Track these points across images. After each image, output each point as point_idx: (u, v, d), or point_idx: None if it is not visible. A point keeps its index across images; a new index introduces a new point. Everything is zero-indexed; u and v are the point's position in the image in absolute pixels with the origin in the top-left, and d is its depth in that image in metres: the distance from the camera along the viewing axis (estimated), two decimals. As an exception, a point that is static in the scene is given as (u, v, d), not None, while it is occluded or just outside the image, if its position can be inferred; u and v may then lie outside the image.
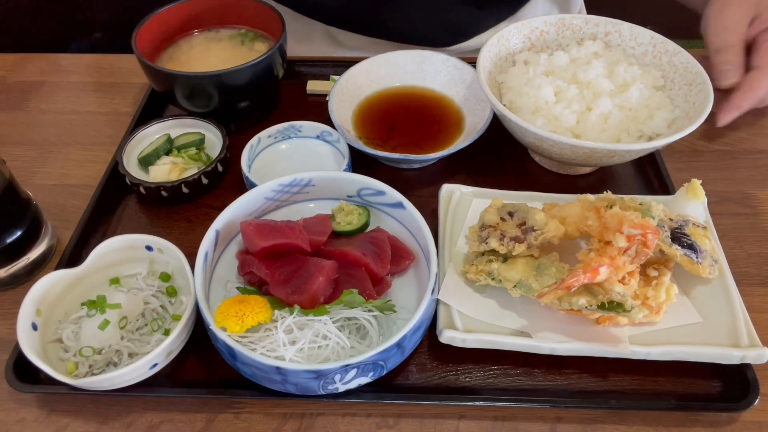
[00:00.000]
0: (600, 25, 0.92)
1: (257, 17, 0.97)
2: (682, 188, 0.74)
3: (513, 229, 0.68)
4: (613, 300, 0.61)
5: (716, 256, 0.69)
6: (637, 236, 0.61)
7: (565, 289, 0.61)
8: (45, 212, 0.79)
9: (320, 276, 0.65)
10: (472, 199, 0.79)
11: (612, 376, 0.66)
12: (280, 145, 0.89)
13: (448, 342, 0.65)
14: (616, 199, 0.69)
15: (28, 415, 0.65)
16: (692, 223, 0.69)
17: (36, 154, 0.93)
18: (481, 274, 0.68)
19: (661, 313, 0.65)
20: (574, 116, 0.81)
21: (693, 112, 0.80)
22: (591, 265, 0.61)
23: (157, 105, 0.98)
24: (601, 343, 0.64)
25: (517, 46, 0.92)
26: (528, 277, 0.66)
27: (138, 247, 0.71)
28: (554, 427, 0.63)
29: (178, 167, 0.84)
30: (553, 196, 0.78)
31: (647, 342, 0.64)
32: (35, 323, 0.64)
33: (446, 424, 0.63)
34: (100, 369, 0.64)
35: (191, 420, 0.64)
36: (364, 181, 0.75)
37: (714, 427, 0.63)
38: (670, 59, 0.87)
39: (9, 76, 1.08)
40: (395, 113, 0.94)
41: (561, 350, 0.65)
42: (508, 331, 0.66)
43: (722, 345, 0.64)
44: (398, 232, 0.75)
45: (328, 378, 0.59)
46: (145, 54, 0.88)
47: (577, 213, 0.68)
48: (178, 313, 0.69)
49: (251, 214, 0.75)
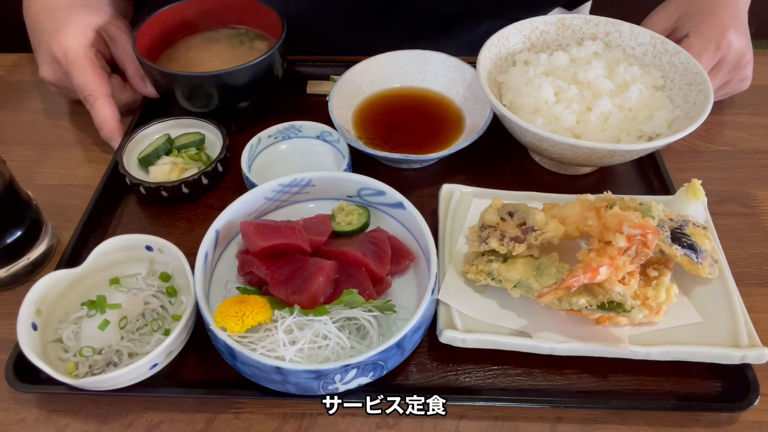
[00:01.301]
0: (600, 25, 0.92)
1: (257, 17, 0.97)
2: (682, 188, 0.74)
3: (513, 229, 0.68)
4: (613, 300, 0.61)
5: (716, 256, 0.69)
6: (637, 236, 0.61)
7: (565, 289, 0.61)
8: (45, 212, 0.79)
9: (320, 276, 0.65)
10: (472, 199, 0.78)
11: (612, 376, 0.66)
12: (280, 145, 0.89)
13: (448, 342, 0.65)
14: (616, 199, 0.69)
15: (28, 415, 0.65)
16: (692, 223, 0.69)
17: (36, 154, 0.93)
18: (481, 274, 0.68)
19: (661, 313, 0.65)
20: (574, 116, 0.81)
21: (693, 112, 0.80)
22: (591, 265, 0.61)
23: (157, 105, 0.98)
24: (601, 343, 0.64)
25: (517, 46, 0.92)
26: (528, 277, 0.66)
27: (138, 247, 0.71)
28: (554, 427, 0.63)
29: (178, 167, 0.84)
30: (553, 196, 0.78)
31: (647, 342, 0.64)
32: (35, 323, 0.64)
33: (446, 424, 0.63)
34: (100, 369, 0.64)
35: (191, 420, 0.64)
36: (364, 181, 0.75)
37: (714, 427, 0.63)
38: (670, 59, 0.87)
39: (9, 76, 1.08)
40: (395, 113, 0.94)
41: (561, 350, 0.64)
42: (508, 331, 0.66)
43: (722, 345, 0.64)
44: (398, 232, 0.75)
45: (328, 378, 0.59)
46: (145, 54, 0.88)
47: (577, 213, 0.68)
48: (178, 313, 0.69)
49: (251, 214, 0.75)
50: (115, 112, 0.89)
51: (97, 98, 0.88)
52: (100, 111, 0.88)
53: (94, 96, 0.88)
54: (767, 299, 0.73)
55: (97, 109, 0.88)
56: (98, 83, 0.89)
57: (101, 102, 0.88)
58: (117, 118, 0.89)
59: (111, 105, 0.89)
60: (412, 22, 1.11)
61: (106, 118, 0.88)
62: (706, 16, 0.92)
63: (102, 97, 0.89)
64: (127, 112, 0.97)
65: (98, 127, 0.89)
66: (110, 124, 0.89)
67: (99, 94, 0.88)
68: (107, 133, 0.89)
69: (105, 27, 0.94)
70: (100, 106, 0.88)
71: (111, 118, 0.89)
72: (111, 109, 0.89)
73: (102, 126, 0.89)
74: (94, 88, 0.88)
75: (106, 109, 0.89)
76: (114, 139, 0.89)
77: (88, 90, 0.88)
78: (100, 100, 0.88)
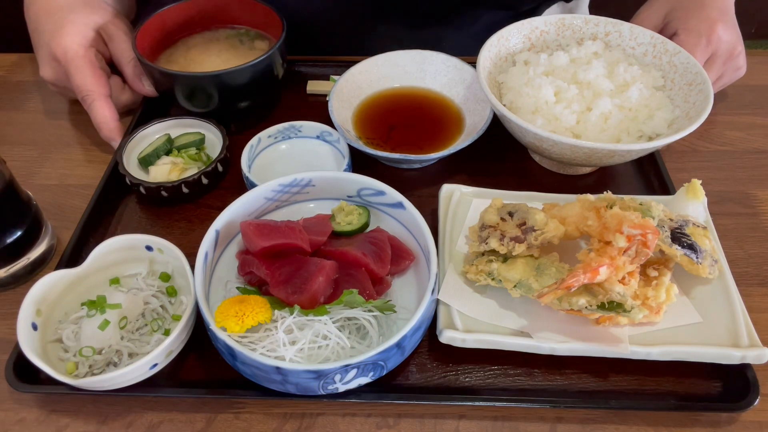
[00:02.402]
0: (600, 25, 0.92)
1: (257, 17, 0.97)
2: (682, 188, 0.74)
3: (513, 229, 0.68)
4: (613, 300, 0.61)
5: (716, 256, 0.69)
6: (637, 236, 0.61)
7: (565, 289, 0.61)
8: (45, 212, 0.79)
9: (320, 276, 0.65)
10: (472, 199, 0.78)
11: (612, 376, 0.66)
12: (280, 145, 0.89)
13: (448, 342, 0.65)
14: (616, 199, 0.69)
15: (28, 415, 0.65)
16: (692, 223, 0.69)
17: (36, 154, 0.93)
18: (481, 274, 0.68)
19: (661, 313, 0.65)
20: (574, 116, 0.81)
21: (693, 112, 0.80)
22: (591, 265, 0.61)
23: (157, 105, 0.98)
24: (601, 343, 0.64)
25: (517, 46, 0.92)
26: (528, 277, 0.66)
27: (138, 247, 0.71)
28: (554, 427, 0.63)
29: (178, 167, 0.84)
30: (553, 196, 0.78)
31: (647, 342, 0.64)
32: (35, 323, 0.64)
33: (446, 424, 0.63)
34: (100, 369, 0.64)
35: (191, 420, 0.64)
36: (364, 181, 0.75)
37: (714, 427, 0.63)
38: (670, 59, 0.87)
39: (9, 76, 1.08)
40: (395, 113, 0.94)
41: (561, 350, 0.64)
42: (508, 331, 0.66)
43: (722, 345, 0.64)
44: (398, 232, 0.75)
45: (328, 378, 0.59)
46: (145, 54, 0.88)
47: (577, 213, 0.68)
48: (178, 313, 0.69)
49: (251, 214, 0.75)
50: (114, 112, 0.89)
51: (95, 98, 0.88)
52: (98, 111, 0.88)
53: (92, 96, 0.88)
54: (767, 299, 0.73)
55: (96, 110, 0.88)
56: (97, 83, 0.89)
57: (99, 102, 0.88)
58: (116, 118, 0.89)
59: (109, 105, 0.89)
60: (415, 9, 1.11)
61: (105, 119, 0.88)
62: (693, 12, 0.93)
63: (100, 97, 0.89)
64: (127, 113, 0.97)
65: (97, 128, 0.89)
66: (109, 124, 0.89)
67: (97, 95, 0.88)
68: (107, 134, 0.89)
69: (105, 26, 0.94)
70: (99, 107, 0.88)
71: (110, 118, 0.89)
72: (110, 109, 0.89)
73: (101, 126, 0.89)
74: (92, 88, 0.88)
75: (105, 110, 0.88)
76: (114, 139, 0.89)
77: (87, 90, 0.88)
78: (99, 101, 0.88)
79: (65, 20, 0.91)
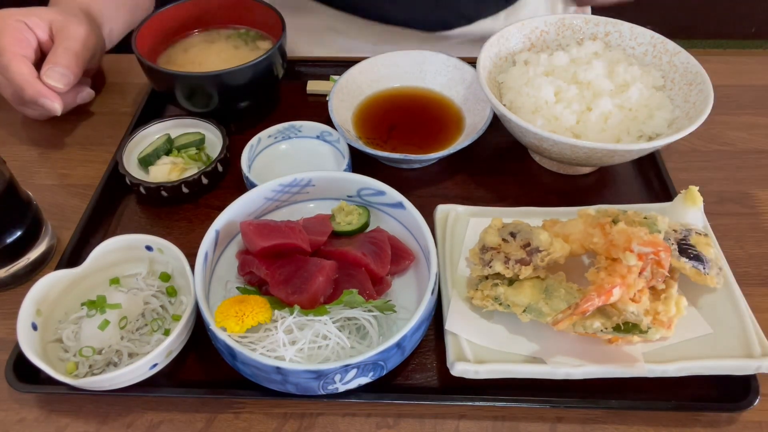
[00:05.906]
0: (600, 25, 0.92)
1: (257, 17, 0.97)
2: (680, 195, 0.73)
3: (517, 250, 0.66)
4: (628, 321, 0.60)
5: (720, 263, 0.68)
6: (650, 255, 0.60)
7: (580, 315, 0.60)
8: (45, 212, 0.79)
9: (320, 276, 0.65)
10: (469, 218, 0.76)
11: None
12: (280, 145, 0.89)
13: (461, 375, 0.62)
14: (618, 212, 0.67)
15: (28, 415, 0.65)
16: (695, 232, 0.68)
17: (36, 154, 0.93)
18: (488, 299, 0.65)
19: (672, 328, 0.63)
20: (574, 116, 0.81)
21: (693, 112, 0.80)
22: (604, 287, 0.59)
23: (157, 105, 0.98)
24: (617, 364, 0.62)
25: (517, 46, 0.92)
26: (537, 300, 0.63)
27: (138, 247, 0.71)
28: (554, 427, 0.63)
29: (178, 167, 0.84)
30: (552, 210, 0.76)
31: (662, 359, 0.63)
32: (35, 323, 0.64)
33: (446, 424, 0.63)
34: (100, 369, 0.64)
35: (191, 420, 0.64)
36: (364, 181, 0.75)
37: (714, 427, 0.63)
38: (670, 59, 0.87)
39: (9, 76, 1.08)
40: (395, 113, 0.94)
41: (577, 374, 0.62)
42: (521, 358, 0.64)
43: (735, 356, 0.62)
44: (398, 232, 0.75)
45: (328, 378, 0.59)
46: (145, 54, 0.88)
47: (580, 230, 0.67)
48: (178, 313, 0.69)
49: (251, 214, 0.75)
50: (34, 70, 0.81)
51: (11, 58, 0.81)
52: (15, 69, 0.80)
53: (7, 56, 0.80)
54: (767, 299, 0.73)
55: (12, 68, 0.80)
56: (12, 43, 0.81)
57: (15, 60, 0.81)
58: (37, 75, 0.81)
59: (26, 63, 0.82)
60: None
61: (24, 75, 0.80)
62: None
63: (15, 56, 0.81)
64: (127, 113, 0.97)
65: (19, 89, 0.82)
66: (32, 81, 0.81)
67: (12, 54, 0.81)
68: (32, 93, 0.81)
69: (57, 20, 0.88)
70: (15, 64, 0.80)
71: (30, 75, 0.81)
72: (27, 66, 0.81)
73: (24, 85, 0.81)
74: (7, 48, 0.81)
75: (22, 66, 0.81)
76: (44, 96, 0.81)
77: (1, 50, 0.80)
78: (15, 59, 0.81)
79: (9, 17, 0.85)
